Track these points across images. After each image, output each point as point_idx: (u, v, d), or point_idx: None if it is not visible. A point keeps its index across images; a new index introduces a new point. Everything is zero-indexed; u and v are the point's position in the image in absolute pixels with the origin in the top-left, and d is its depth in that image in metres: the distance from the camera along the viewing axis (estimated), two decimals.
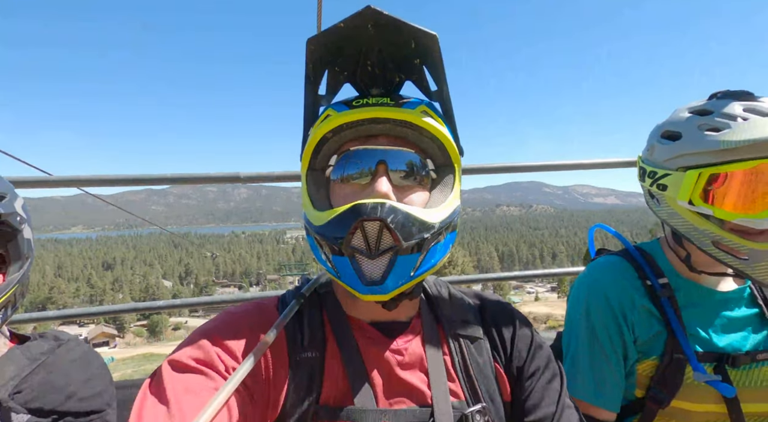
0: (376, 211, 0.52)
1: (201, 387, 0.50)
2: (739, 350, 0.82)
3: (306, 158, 0.63)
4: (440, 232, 0.57)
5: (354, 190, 0.59)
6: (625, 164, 1.97)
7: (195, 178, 1.59)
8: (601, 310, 0.86)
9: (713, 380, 0.77)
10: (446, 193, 0.61)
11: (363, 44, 0.59)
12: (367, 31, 0.57)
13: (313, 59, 0.60)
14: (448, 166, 0.63)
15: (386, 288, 0.54)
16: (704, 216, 0.78)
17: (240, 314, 0.61)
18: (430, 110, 0.61)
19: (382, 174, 0.58)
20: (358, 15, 0.54)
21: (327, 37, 0.57)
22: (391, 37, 0.58)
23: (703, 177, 0.75)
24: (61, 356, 0.77)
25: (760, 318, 0.85)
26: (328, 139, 0.61)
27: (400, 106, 0.59)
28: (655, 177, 0.84)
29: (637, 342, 0.85)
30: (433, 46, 0.57)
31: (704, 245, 0.79)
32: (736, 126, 0.72)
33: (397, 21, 0.54)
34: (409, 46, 0.59)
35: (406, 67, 0.63)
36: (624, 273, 0.89)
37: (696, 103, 0.83)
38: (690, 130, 0.78)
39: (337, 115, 0.59)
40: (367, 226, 0.53)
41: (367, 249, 0.54)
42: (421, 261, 0.56)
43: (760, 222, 0.72)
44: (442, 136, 0.61)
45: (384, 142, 0.60)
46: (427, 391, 0.59)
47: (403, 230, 0.53)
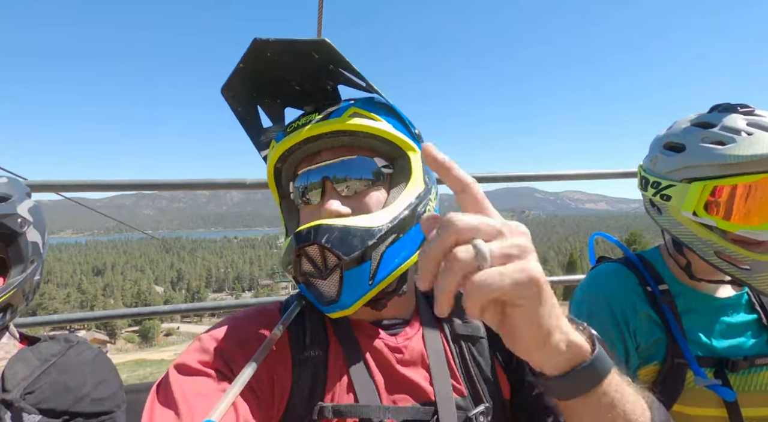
0: (309, 235, 0.54)
1: (209, 389, 0.51)
2: (738, 355, 0.82)
3: (273, 190, 0.66)
4: (393, 232, 0.57)
5: (311, 211, 0.61)
6: (623, 175, 1.98)
7: (201, 184, 1.58)
8: (604, 316, 0.87)
9: (714, 384, 0.77)
10: (403, 186, 0.61)
11: (274, 71, 0.61)
12: (269, 59, 0.59)
13: (237, 103, 0.63)
14: (400, 157, 0.63)
15: (344, 304, 0.56)
16: (707, 227, 0.78)
17: (244, 319, 0.62)
18: (361, 109, 0.61)
19: (330, 190, 0.59)
20: (251, 50, 0.57)
21: (236, 79, 0.60)
22: (293, 56, 0.59)
23: (708, 189, 0.76)
24: (72, 358, 0.78)
25: (757, 324, 0.87)
26: (279, 168, 0.64)
27: (327, 118, 0.60)
28: (659, 187, 0.84)
29: (639, 348, 0.85)
30: (330, 50, 0.58)
31: (707, 255, 0.80)
32: (741, 140, 0.73)
33: (286, 42, 0.57)
34: (313, 57, 0.60)
35: (329, 75, 0.64)
36: (625, 280, 0.90)
37: (696, 115, 0.84)
38: (693, 142, 0.79)
39: (277, 145, 0.62)
40: (309, 251, 0.56)
41: (317, 271, 0.56)
42: (377, 269, 0.56)
43: (761, 233, 0.74)
44: (379, 131, 0.60)
45: (327, 155, 0.61)
46: (429, 388, 0.59)
47: (343, 246, 0.53)
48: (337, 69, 0.62)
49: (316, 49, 0.58)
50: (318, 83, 0.65)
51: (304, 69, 0.62)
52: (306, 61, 0.60)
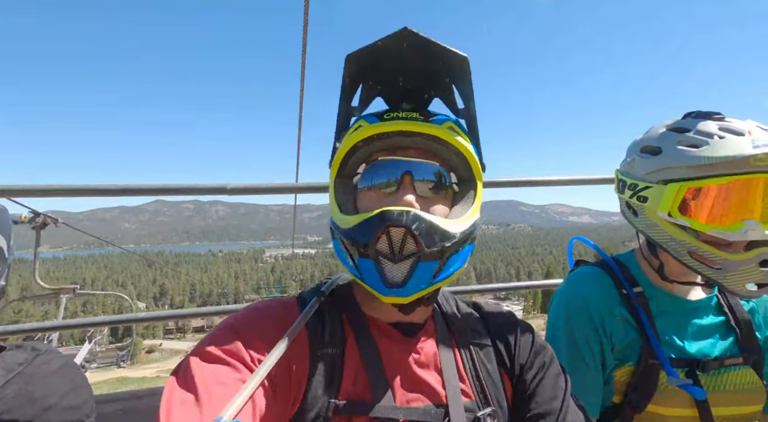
0: (402, 217, 0.55)
1: (229, 378, 0.51)
2: (708, 356, 0.86)
3: (336, 165, 0.67)
4: (460, 243, 0.60)
5: (380, 197, 0.62)
6: (604, 181, 2.00)
7: (181, 189, 1.56)
8: (581, 319, 0.89)
9: (685, 383, 0.80)
10: (467, 206, 0.64)
11: (397, 62, 0.63)
12: (402, 50, 0.61)
13: (350, 73, 0.64)
14: (470, 181, 0.66)
15: (407, 291, 0.57)
16: (681, 228, 0.81)
17: (263, 309, 0.63)
18: (456, 126, 0.64)
19: (408, 184, 0.61)
20: (395, 35, 0.58)
21: (365, 53, 0.61)
22: (424, 56, 0.62)
23: (683, 190, 0.79)
24: (39, 366, 0.75)
25: (726, 326, 0.90)
26: (358, 148, 0.64)
27: (428, 121, 0.62)
28: (636, 189, 0.87)
29: (615, 349, 0.88)
30: (463, 67, 0.61)
31: (681, 255, 0.83)
32: (714, 143, 0.76)
33: (430, 42, 0.59)
34: (440, 65, 0.62)
35: (435, 85, 0.67)
36: (602, 283, 0.93)
37: (671, 121, 0.87)
38: (669, 145, 0.82)
39: (368, 126, 0.63)
40: (392, 232, 0.56)
41: (391, 253, 0.57)
42: (441, 269, 0.58)
43: (731, 234, 0.76)
44: (467, 151, 0.64)
45: (412, 154, 0.63)
46: (441, 391, 0.61)
47: (427, 238, 0.56)
48: (451, 84, 0.66)
49: (450, 60, 0.61)
50: (423, 88, 0.67)
51: (423, 71, 0.64)
52: (430, 65, 0.63)
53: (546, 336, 0.96)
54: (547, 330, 0.97)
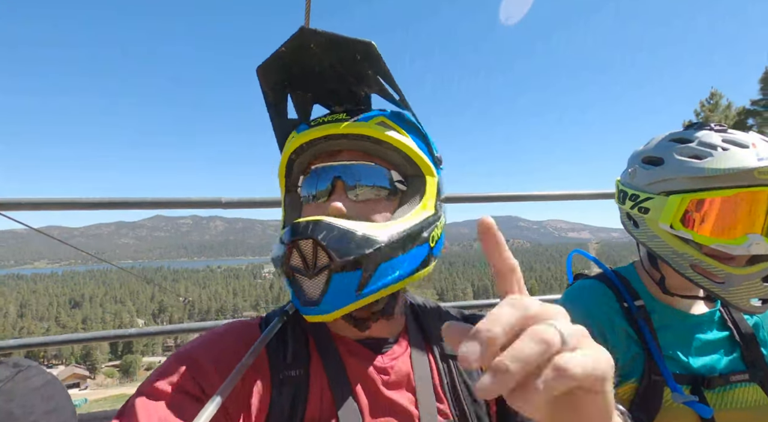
0: (307, 229, 0.52)
1: (177, 413, 0.48)
2: (713, 372, 0.83)
3: (281, 181, 0.65)
4: (392, 248, 0.54)
5: (315, 208, 0.59)
6: (600, 196, 1.96)
7: (177, 203, 1.52)
8: None
9: (691, 400, 0.77)
10: (413, 206, 0.60)
11: (312, 64, 0.59)
12: (311, 51, 0.57)
13: (269, 86, 0.61)
14: (417, 177, 0.62)
15: (324, 308, 0.53)
16: (683, 240, 0.79)
17: (219, 335, 0.59)
18: (390, 120, 0.60)
19: (339, 190, 0.58)
20: (294, 37, 0.55)
21: (273, 62, 0.58)
22: (335, 52, 0.58)
23: (685, 202, 0.77)
24: (20, 383, 0.72)
25: (730, 341, 0.87)
26: (293, 160, 0.62)
27: (355, 120, 0.58)
28: (637, 200, 0.85)
29: (617, 365, 0.86)
30: (373, 54, 0.57)
31: (682, 268, 0.81)
32: (717, 155, 0.75)
33: (332, 36, 0.55)
34: (355, 58, 0.58)
35: (364, 81, 0.62)
36: (602, 296, 0.91)
37: (673, 132, 0.86)
38: (671, 156, 0.81)
39: (297, 135, 0.61)
40: (301, 245, 0.53)
41: (305, 268, 0.53)
42: (368, 280, 0.53)
43: (734, 247, 0.75)
44: (403, 146, 0.60)
45: (345, 157, 0.60)
46: (414, 411, 0.57)
47: (339, 247, 0.51)
48: (375, 76, 0.61)
49: (361, 51, 0.57)
50: (352, 86, 0.63)
51: (343, 68, 0.60)
52: (347, 61, 0.59)
53: None
54: None
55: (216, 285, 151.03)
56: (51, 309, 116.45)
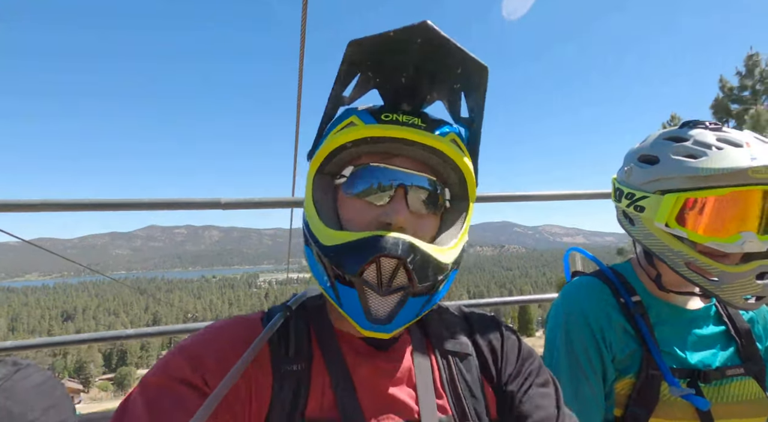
0: (396, 248, 0.50)
1: (178, 407, 0.48)
2: (709, 366, 0.84)
3: (317, 160, 0.60)
4: (450, 272, 0.56)
5: (367, 208, 0.57)
6: (595, 196, 1.95)
7: (174, 204, 1.52)
8: (580, 330, 0.88)
9: (688, 393, 0.79)
10: (458, 229, 0.60)
11: (406, 57, 0.57)
12: (414, 45, 0.55)
13: (350, 60, 0.58)
14: (463, 200, 0.62)
15: (390, 328, 0.52)
16: (678, 238, 0.81)
17: (222, 328, 0.59)
18: (459, 139, 0.60)
19: (401, 198, 0.56)
20: (412, 28, 0.52)
21: (372, 42, 0.55)
22: (438, 56, 0.56)
23: (680, 201, 0.79)
24: (18, 381, 0.72)
25: (726, 336, 0.89)
26: (347, 147, 0.58)
27: (432, 131, 0.57)
28: (633, 198, 0.86)
29: (615, 360, 0.87)
30: (480, 77, 0.56)
31: (677, 266, 0.82)
32: (712, 154, 0.76)
33: (449, 43, 0.53)
34: (455, 69, 0.57)
35: (442, 89, 0.61)
36: (600, 293, 0.92)
37: (668, 130, 0.87)
38: (667, 155, 0.82)
39: (364, 126, 0.57)
40: (383, 262, 0.51)
41: (378, 285, 0.52)
42: (429, 302, 0.55)
43: (727, 245, 0.76)
44: (467, 169, 0.59)
45: (405, 163, 0.58)
46: (414, 407, 0.57)
47: (420, 271, 0.51)
48: (461, 91, 0.60)
49: (466, 67, 0.56)
50: (425, 89, 0.61)
51: (432, 71, 0.58)
52: (443, 68, 0.57)
53: (544, 349, 0.95)
54: (546, 343, 0.95)
55: (211, 295, 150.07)
56: (43, 322, 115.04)
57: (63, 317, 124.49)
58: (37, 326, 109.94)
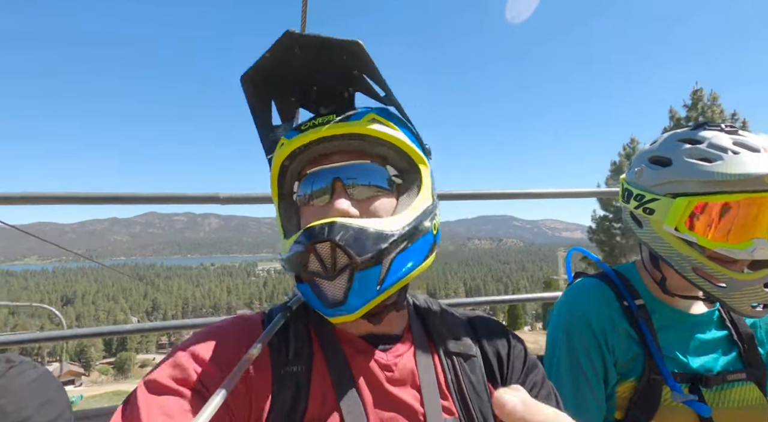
0: (323, 232, 0.52)
1: (179, 409, 0.48)
2: (710, 371, 0.84)
3: (273, 189, 0.64)
4: (403, 240, 0.56)
5: (316, 211, 0.59)
6: (596, 194, 1.99)
7: (173, 198, 1.51)
8: (583, 332, 0.87)
9: (690, 400, 0.78)
10: (412, 197, 0.61)
11: (298, 68, 0.60)
12: (296, 55, 0.57)
13: (253, 94, 0.61)
14: (412, 170, 0.63)
15: (351, 307, 0.53)
16: (687, 243, 0.79)
17: (222, 329, 0.59)
18: (379, 117, 0.60)
19: (340, 190, 0.58)
20: (280, 41, 0.55)
21: (259, 70, 0.58)
22: (321, 54, 0.58)
23: (692, 205, 0.77)
24: (13, 378, 0.71)
25: (728, 341, 0.88)
26: (286, 166, 0.62)
27: (346, 120, 0.59)
28: (642, 200, 0.85)
29: (617, 364, 0.86)
30: (360, 53, 0.57)
31: (684, 270, 0.81)
32: (728, 158, 0.74)
33: (319, 38, 0.55)
34: (341, 59, 0.59)
35: (349, 80, 0.63)
36: (603, 296, 0.91)
37: (682, 131, 0.86)
38: (680, 157, 0.80)
39: (288, 141, 0.60)
40: (318, 249, 0.54)
41: (324, 271, 0.54)
42: (386, 274, 0.54)
43: (738, 252, 0.75)
44: (396, 140, 0.60)
45: (339, 158, 0.60)
46: (419, 408, 0.57)
47: (356, 245, 0.52)
48: (361, 75, 0.61)
49: (347, 51, 0.57)
50: (338, 87, 0.64)
51: (328, 70, 0.61)
52: (332, 62, 0.60)
53: (546, 351, 0.95)
54: (547, 345, 0.94)
55: (210, 283, 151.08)
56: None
57: (63, 302, 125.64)
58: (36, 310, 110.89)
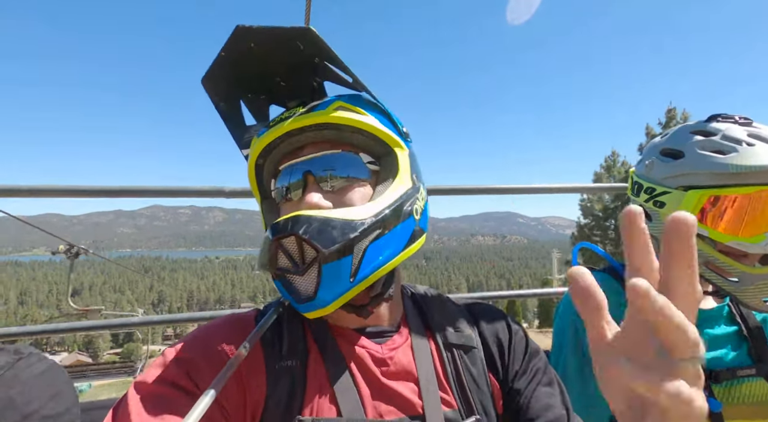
0: (286, 226, 0.51)
1: (170, 409, 0.48)
2: (720, 366, 0.82)
3: (254, 189, 0.63)
4: (377, 227, 0.54)
5: (292, 206, 0.58)
6: (602, 190, 1.90)
7: (178, 191, 1.51)
8: None
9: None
10: (389, 182, 0.59)
11: (258, 63, 0.58)
12: (252, 50, 0.55)
13: (219, 95, 0.59)
14: (387, 154, 0.61)
15: (321, 302, 0.52)
16: (699, 237, 0.78)
17: (214, 328, 0.58)
18: (347, 103, 0.58)
19: (311, 183, 0.57)
20: (232, 38, 0.54)
21: (217, 70, 0.56)
22: (279, 46, 0.56)
23: (704, 198, 0.76)
24: (21, 370, 0.71)
25: (738, 336, 0.87)
26: (261, 165, 0.61)
27: (311, 111, 0.57)
28: (653, 193, 0.83)
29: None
30: (315, 40, 0.55)
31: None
32: (743, 150, 0.73)
33: (268, 30, 0.53)
34: (299, 49, 0.57)
35: (312, 70, 0.61)
36: (611, 289, 0.89)
37: (695, 123, 0.83)
38: (693, 149, 0.78)
39: (257, 140, 0.59)
40: (285, 244, 0.53)
41: (293, 266, 0.53)
42: (359, 264, 0.53)
43: (750, 246, 0.74)
44: (365, 125, 0.58)
45: (310, 150, 0.59)
46: (417, 401, 0.56)
47: (321, 237, 0.50)
48: (323, 63, 0.60)
49: (301, 39, 0.55)
50: (303, 78, 0.62)
51: (289, 62, 0.59)
52: (291, 54, 0.57)
53: (553, 345, 0.94)
54: (554, 339, 0.94)
55: (214, 275, 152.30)
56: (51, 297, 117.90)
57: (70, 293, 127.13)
58: (46, 301, 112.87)
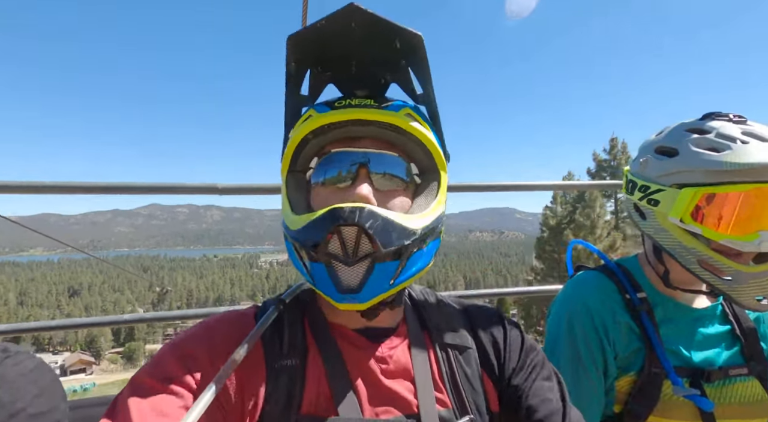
0: (354, 215, 0.50)
1: (169, 406, 0.48)
2: (712, 366, 0.83)
3: (286, 160, 0.62)
4: (422, 240, 0.55)
5: (334, 193, 0.57)
6: (598, 186, 2.14)
7: (171, 188, 1.51)
8: (584, 325, 0.87)
9: (692, 394, 0.77)
10: (430, 199, 0.60)
11: (347, 43, 0.57)
12: (350, 30, 0.54)
13: (294, 58, 0.58)
14: (433, 171, 0.62)
15: (363, 297, 0.52)
16: (693, 235, 0.78)
17: (213, 324, 0.59)
18: (414, 113, 0.59)
19: (363, 177, 0.56)
20: (340, 12, 0.52)
21: (308, 34, 0.55)
22: (375, 36, 0.55)
23: (698, 196, 0.76)
24: (8, 369, 0.70)
25: (731, 335, 0.87)
26: (309, 140, 0.60)
27: (383, 108, 0.57)
28: (647, 191, 0.83)
29: (618, 357, 0.85)
30: (418, 47, 0.55)
31: (689, 263, 0.79)
32: (736, 148, 0.73)
33: (381, 20, 0.53)
34: (393, 46, 0.56)
35: (391, 69, 0.61)
36: (605, 288, 0.90)
37: (689, 121, 0.84)
38: (687, 147, 0.78)
39: (318, 115, 0.58)
40: (344, 232, 0.51)
41: (344, 255, 0.52)
42: (401, 270, 0.54)
43: (744, 244, 0.73)
44: (428, 140, 0.59)
45: (367, 144, 0.59)
46: (413, 400, 0.57)
47: (383, 236, 0.51)
48: (407, 67, 0.60)
49: (404, 39, 0.55)
50: (377, 72, 0.62)
51: (376, 53, 0.58)
52: (384, 46, 0.57)
53: (546, 343, 0.94)
54: (547, 338, 0.94)
55: (213, 274, 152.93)
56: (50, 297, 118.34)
57: (69, 292, 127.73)
58: (45, 301, 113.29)
